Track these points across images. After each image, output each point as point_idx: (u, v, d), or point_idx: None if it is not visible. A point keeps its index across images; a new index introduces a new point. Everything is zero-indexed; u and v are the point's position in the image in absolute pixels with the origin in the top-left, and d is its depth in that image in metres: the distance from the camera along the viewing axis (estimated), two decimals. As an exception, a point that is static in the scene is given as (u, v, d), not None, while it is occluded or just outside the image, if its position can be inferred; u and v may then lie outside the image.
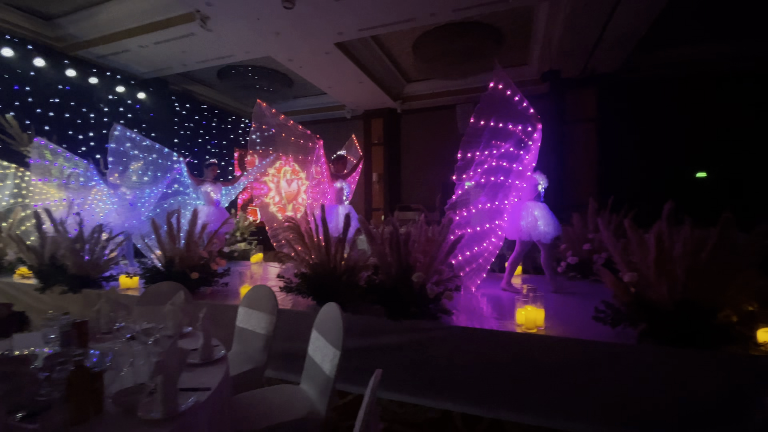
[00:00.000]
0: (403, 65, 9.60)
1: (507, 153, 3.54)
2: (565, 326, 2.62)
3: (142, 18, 6.62)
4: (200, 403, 1.27)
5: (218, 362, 1.57)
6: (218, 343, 1.74)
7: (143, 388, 1.33)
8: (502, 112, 3.53)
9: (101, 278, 3.97)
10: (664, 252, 2.14)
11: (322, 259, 3.00)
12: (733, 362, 2.13)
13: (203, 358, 1.57)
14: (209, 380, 1.41)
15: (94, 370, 1.26)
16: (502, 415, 2.48)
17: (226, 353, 1.65)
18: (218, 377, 1.43)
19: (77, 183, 5.18)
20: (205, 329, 1.63)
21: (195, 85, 10.18)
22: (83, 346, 1.73)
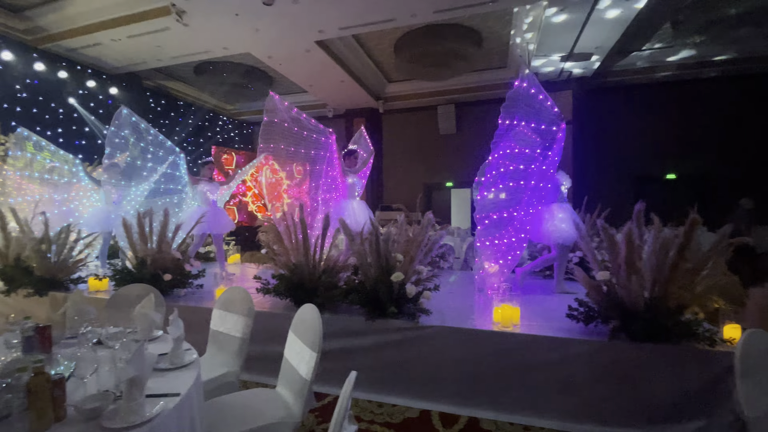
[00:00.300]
0: (384, 65, 9.60)
1: (525, 155, 3.52)
2: (541, 324, 2.67)
3: (115, 10, 6.39)
4: (169, 409, 1.22)
5: (189, 367, 1.52)
6: (189, 346, 1.69)
7: (108, 396, 1.28)
8: (525, 111, 3.51)
9: (69, 280, 3.81)
10: (633, 251, 2.21)
11: (301, 259, 2.96)
12: (700, 357, 2.22)
13: (173, 362, 1.52)
14: (179, 385, 1.36)
15: (56, 377, 1.20)
16: (479, 413, 2.50)
17: (197, 357, 1.61)
18: (189, 382, 1.39)
19: (59, 178, 4.86)
20: (176, 333, 1.58)
21: (171, 81, 9.90)
22: (47, 351, 1.65)
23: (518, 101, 3.51)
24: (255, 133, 13.48)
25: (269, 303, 3.21)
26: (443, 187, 12.72)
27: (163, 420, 1.19)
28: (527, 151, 3.52)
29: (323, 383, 2.78)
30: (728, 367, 2.15)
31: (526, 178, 3.51)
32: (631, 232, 2.23)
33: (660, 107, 10.12)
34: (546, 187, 3.65)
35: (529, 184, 3.51)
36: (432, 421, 2.47)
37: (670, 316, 2.20)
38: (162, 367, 1.51)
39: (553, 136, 3.51)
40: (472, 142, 11.66)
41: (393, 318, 2.77)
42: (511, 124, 3.52)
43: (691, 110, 10.06)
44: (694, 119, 10.01)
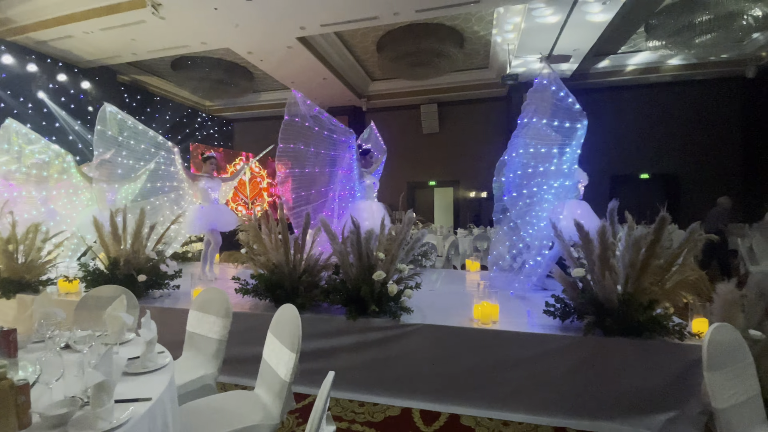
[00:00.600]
0: (367, 63, 9.58)
1: (540, 153, 3.50)
2: (519, 320, 2.72)
3: (88, 2, 6.16)
4: (139, 414, 1.19)
5: (162, 370, 1.48)
6: (163, 349, 1.65)
7: (75, 402, 1.23)
8: (543, 108, 3.47)
9: (38, 282, 3.65)
10: (607, 248, 2.27)
11: (281, 259, 2.92)
12: (670, 351, 2.30)
13: (145, 366, 1.48)
14: (151, 390, 1.32)
15: (20, 383, 1.15)
16: (460, 409, 2.53)
17: (171, 360, 1.56)
18: (161, 386, 1.35)
19: (39, 173, 4.56)
20: (148, 335, 1.53)
21: (146, 76, 9.61)
22: (11, 356, 1.57)
23: (536, 98, 3.48)
24: (235, 130, 13.24)
25: (248, 304, 3.16)
26: (426, 186, 12.80)
27: (133, 426, 1.15)
28: (543, 150, 3.49)
29: (304, 384, 2.75)
30: (697, 359, 2.24)
31: (546, 176, 3.50)
32: (605, 229, 2.29)
33: (635, 109, 10.45)
34: (564, 185, 3.59)
35: (548, 182, 3.50)
36: (413, 418, 2.49)
37: (642, 311, 2.27)
38: (133, 371, 1.46)
39: (573, 133, 3.45)
40: (454, 141, 11.77)
41: (374, 317, 2.77)
42: (530, 121, 3.49)
43: (663, 112, 10.42)
44: (667, 121, 10.38)
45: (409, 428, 2.38)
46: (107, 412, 1.15)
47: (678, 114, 10.22)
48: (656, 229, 2.27)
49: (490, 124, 11.42)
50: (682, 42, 6.98)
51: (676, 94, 10.16)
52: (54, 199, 4.80)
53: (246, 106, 12.03)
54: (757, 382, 1.56)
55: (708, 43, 6.88)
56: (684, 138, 10.16)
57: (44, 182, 4.68)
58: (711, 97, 10.02)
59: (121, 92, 9.12)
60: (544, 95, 3.48)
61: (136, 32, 6.83)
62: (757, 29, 6.96)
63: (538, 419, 2.41)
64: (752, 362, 1.58)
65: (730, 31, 6.58)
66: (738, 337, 1.58)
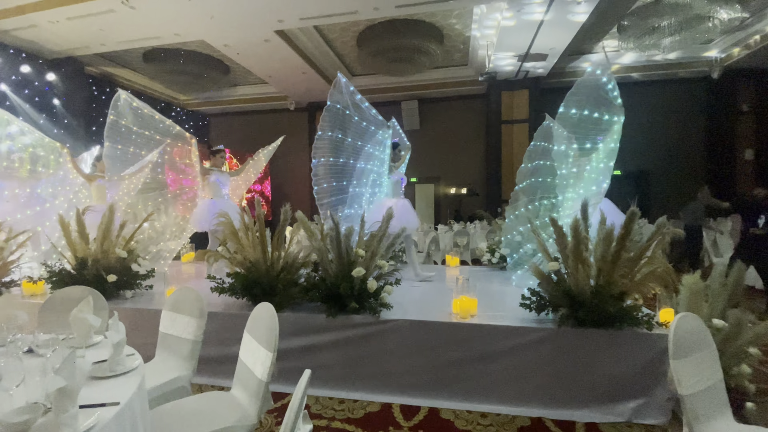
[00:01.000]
0: (347, 59, 9.49)
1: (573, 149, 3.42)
2: (497, 314, 2.77)
3: (51, -11, 5.85)
4: (106, 420, 1.14)
5: (131, 373, 1.43)
6: (133, 351, 1.59)
7: (37, 408, 1.17)
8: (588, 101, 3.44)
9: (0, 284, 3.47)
10: (580, 242, 2.33)
11: (258, 257, 2.86)
12: (639, 340, 2.39)
13: (114, 369, 1.42)
14: (119, 394, 1.27)
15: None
16: (439, 403, 2.56)
17: (141, 363, 1.51)
18: (130, 390, 1.30)
19: (32, 168, 4.21)
20: (116, 338, 1.47)
21: (117, 68, 9.24)
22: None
23: (584, 90, 3.47)
24: (211, 125, 12.90)
25: (225, 303, 3.09)
26: (408, 183, 12.84)
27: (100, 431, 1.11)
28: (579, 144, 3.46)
29: (283, 382, 2.72)
30: (664, 348, 2.33)
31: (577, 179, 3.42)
32: (578, 223, 2.35)
33: (608, 107, 10.73)
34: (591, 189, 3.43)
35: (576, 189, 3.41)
36: (393, 413, 2.50)
37: (613, 302, 2.35)
38: (101, 375, 1.40)
39: (610, 127, 3.38)
40: (435, 138, 11.84)
41: (354, 314, 2.76)
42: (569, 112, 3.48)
43: (634, 111, 10.75)
44: (637, 119, 10.72)
45: (389, 424, 2.39)
46: (71, 419, 1.10)
47: (647, 113, 10.59)
48: (626, 223, 2.34)
49: (469, 121, 11.53)
50: (651, 43, 7.23)
51: (646, 94, 10.52)
52: (39, 199, 4.46)
53: (223, 100, 11.75)
54: (719, 368, 1.64)
55: (675, 45, 7.14)
56: (653, 136, 10.54)
57: (34, 179, 4.31)
58: (678, 97, 10.43)
59: (89, 85, 8.74)
60: (593, 87, 3.46)
61: (105, 22, 6.54)
62: (722, 32, 7.28)
63: (515, 410, 2.46)
64: (715, 350, 1.65)
65: (696, 33, 6.84)
66: (702, 326, 1.65)
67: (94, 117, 8.75)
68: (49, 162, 4.42)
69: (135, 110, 4.26)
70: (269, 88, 10.72)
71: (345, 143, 3.88)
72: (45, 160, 4.41)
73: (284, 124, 12.11)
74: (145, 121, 4.30)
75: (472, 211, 9.78)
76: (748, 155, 9.69)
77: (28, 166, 4.36)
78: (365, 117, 3.91)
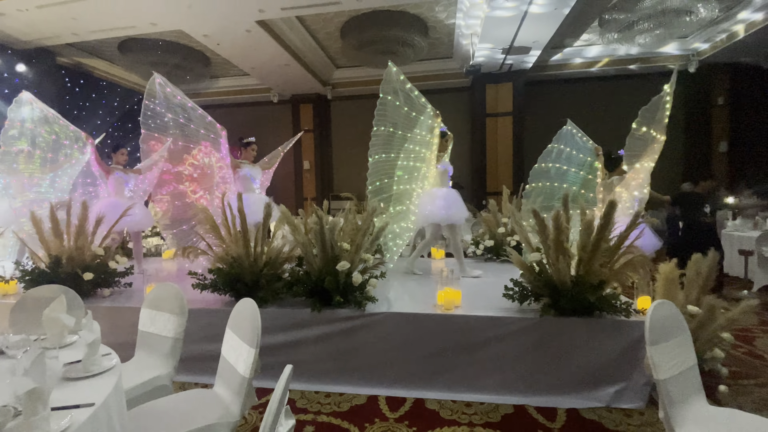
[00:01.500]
0: (331, 50, 9.35)
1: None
2: (481, 304, 2.80)
3: (17, -26, 5.57)
4: (80, 422, 1.10)
5: (107, 373, 1.39)
6: (110, 351, 1.54)
7: (6, 411, 1.13)
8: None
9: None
10: (561, 233, 2.37)
11: (240, 252, 2.82)
12: (618, 327, 2.45)
13: (88, 370, 1.38)
14: (94, 395, 1.24)
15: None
16: (424, 394, 2.58)
17: (118, 362, 1.47)
18: (106, 390, 1.27)
19: (54, 157, 3.94)
20: (90, 337, 1.43)
21: (91, 59, 8.89)
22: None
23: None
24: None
25: (208, 299, 3.04)
26: (393, 176, 12.82)
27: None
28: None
29: (268, 378, 2.67)
30: (641, 335, 2.39)
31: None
32: (559, 215, 2.39)
33: (589, 100, 10.91)
34: None
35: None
36: (379, 405, 2.51)
37: (593, 291, 2.40)
38: (75, 376, 1.36)
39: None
40: (420, 130, 11.83)
41: (339, 308, 2.75)
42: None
43: (614, 104, 10.96)
44: (617, 112, 10.91)
45: (375, 416, 2.40)
46: (42, 421, 1.07)
47: (626, 105, 10.78)
48: (605, 213, 2.38)
49: (454, 115, 11.54)
50: (630, 36, 7.34)
51: (625, 87, 10.70)
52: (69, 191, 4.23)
53: (204, 92, 11.45)
54: (693, 353, 1.69)
55: (653, 39, 7.27)
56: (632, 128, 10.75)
57: (52, 169, 4.06)
58: (656, 91, 10.64)
59: (62, 76, 8.39)
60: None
61: (77, 11, 6.26)
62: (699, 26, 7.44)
63: (499, 398, 2.50)
64: (689, 336, 1.70)
65: (674, 27, 6.98)
66: (677, 313, 1.70)
67: (68, 109, 8.42)
68: (72, 152, 4.19)
69: (169, 95, 4.00)
70: (251, 80, 10.49)
71: (395, 137, 3.77)
72: (69, 149, 4.17)
73: (267, 117, 11.91)
74: (179, 109, 4.06)
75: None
76: (722, 147, 9.98)
77: (50, 155, 4.10)
78: (415, 107, 3.76)
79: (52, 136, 4.15)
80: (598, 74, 10.54)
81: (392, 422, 2.32)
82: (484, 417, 2.34)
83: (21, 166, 3.94)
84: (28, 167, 3.99)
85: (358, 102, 11.82)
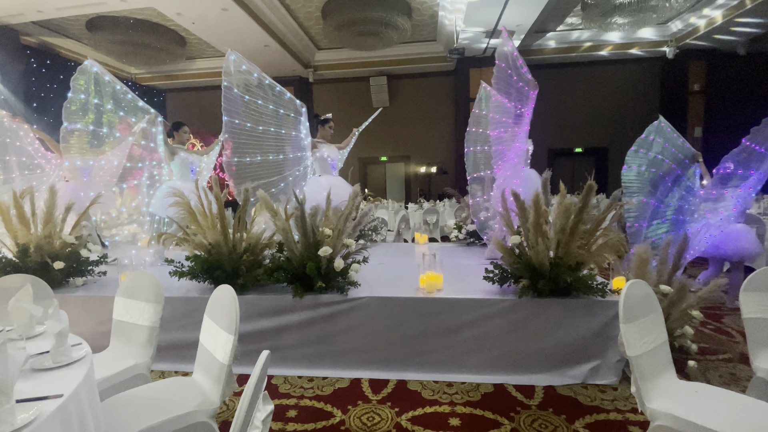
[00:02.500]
0: (312, 31, 9.10)
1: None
2: (462, 287, 2.83)
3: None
4: (47, 413, 1.07)
5: (78, 363, 1.34)
6: (80, 341, 1.49)
7: (-33, 406, 1.08)
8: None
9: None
10: (540, 215, 2.40)
11: (218, 239, 2.75)
12: (594, 307, 2.52)
13: (57, 360, 1.33)
14: (63, 386, 1.20)
15: None
16: (407, 375, 2.62)
17: (89, 352, 1.42)
18: (76, 381, 1.23)
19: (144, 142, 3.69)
20: (56, 327, 1.37)
21: (57, 38, 8.43)
22: None
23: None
24: (167, 101, 12.15)
25: (186, 287, 2.98)
26: (378, 161, 12.73)
27: (40, 426, 1.03)
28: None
29: (250, 365, 2.67)
30: (616, 314, 2.47)
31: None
32: (539, 197, 2.41)
33: (571, 86, 11.01)
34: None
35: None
36: (362, 388, 2.53)
37: (570, 272, 2.45)
38: (43, 367, 1.31)
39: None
40: (405, 116, 11.73)
41: (321, 293, 2.74)
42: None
43: (595, 89, 11.09)
44: (598, 97, 11.07)
45: (358, 398, 2.42)
46: (7, 414, 1.02)
47: (607, 90, 10.93)
48: (584, 196, 2.42)
49: (439, 99, 11.48)
50: (612, 21, 7.38)
51: (606, 72, 10.83)
52: (135, 176, 4.05)
53: (179, 74, 11.04)
54: (664, 330, 1.75)
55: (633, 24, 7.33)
56: (612, 113, 10.93)
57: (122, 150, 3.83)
58: (635, 75, 10.80)
59: (26, 56, 7.94)
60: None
61: (38, -16, 5.89)
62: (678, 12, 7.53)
63: (479, 378, 2.56)
64: (661, 314, 1.76)
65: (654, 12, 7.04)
66: (650, 292, 1.75)
67: (34, 92, 8.01)
68: (149, 134, 4.03)
69: (245, 72, 3.68)
70: (230, 62, 10.18)
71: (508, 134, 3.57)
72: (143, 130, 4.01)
73: (248, 100, 11.59)
74: (256, 90, 3.73)
75: (442, 189, 9.87)
76: (696, 133, 10.26)
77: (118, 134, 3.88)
78: (523, 78, 3.48)
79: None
80: (580, 60, 10.60)
81: (375, 404, 2.35)
82: (464, 396, 2.40)
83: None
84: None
85: (340, 85, 11.62)
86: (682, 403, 1.55)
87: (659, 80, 10.70)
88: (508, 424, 2.11)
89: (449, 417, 2.19)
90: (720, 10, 8.09)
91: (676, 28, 9.26)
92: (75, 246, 2.97)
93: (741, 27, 8.38)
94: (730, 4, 7.78)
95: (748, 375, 2.51)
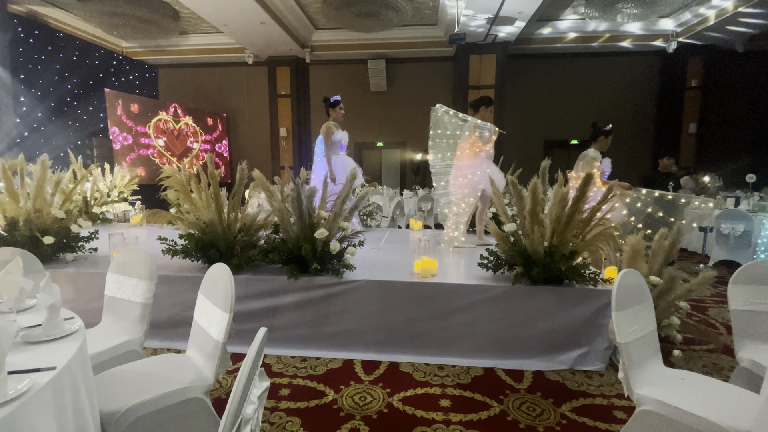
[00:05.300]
0: (310, 10, 8.88)
1: None
2: (456, 273, 2.85)
3: None
4: (40, 385, 1.06)
5: (70, 337, 1.33)
6: (73, 315, 1.48)
7: (-42, 376, 1.07)
8: None
9: None
10: (537, 204, 2.40)
11: (213, 218, 2.72)
12: (586, 295, 2.55)
13: (49, 334, 1.32)
14: (55, 359, 1.18)
15: None
16: (399, 357, 2.65)
17: (81, 326, 1.41)
18: (69, 354, 1.22)
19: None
20: (48, 300, 1.35)
21: (46, 7, 8.12)
22: None
23: None
24: (160, 77, 11.85)
25: (180, 265, 2.96)
26: (374, 147, 12.62)
27: (33, 397, 1.03)
28: None
29: (245, 344, 2.68)
30: (606, 303, 2.52)
31: None
32: (536, 185, 2.41)
33: (568, 77, 10.94)
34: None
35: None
36: (354, 369, 2.56)
37: (564, 261, 2.47)
38: (35, 340, 1.30)
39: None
40: (402, 101, 11.58)
41: (316, 275, 2.74)
42: None
43: (592, 81, 11.03)
44: (595, 89, 11.02)
45: (350, 378, 2.45)
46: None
47: (605, 83, 10.88)
48: (580, 186, 2.43)
49: (437, 85, 11.33)
50: (613, 12, 7.30)
51: (604, 64, 10.75)
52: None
53: (172, 49, 10.73)
54: (654, 319, 1.79)
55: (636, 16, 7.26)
56: (609, 105, 10.91)
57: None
58: (633, 68, 10.75)
59: (14, 25, 7.64)
60: None
61: (24, -52, 5.62)
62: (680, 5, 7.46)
63: (470, 361, 2.60)
64: (652, 303, 1.79)
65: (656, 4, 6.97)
66: (642, 281, 1.78)
67: (21, 62, 7.74)
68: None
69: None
70: (225, 38, 9.89)
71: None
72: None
73: (242, 79, 11.35)
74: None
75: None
76: (691, 129, 10.31)
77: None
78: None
79: None
80: (579, 51, 10.51)
81: (367, 384, 2.38)
82: (455, 379, 2.44)
83: None
84: None
85: (338, 67, 11.40)
86: (669, 389, 1.60)
87: (657, 75, 10.67)
88: (497, 407, 2.16)
89: (440, 398, 2.23)
90: (714, 10, 8.07)
91: (677, 22, 9.20)
92: (65, 221, 2.92)
93: (740, 27, 8.36)
94: (724, 5, 7.75)
95: (731, 365, 2.58)
